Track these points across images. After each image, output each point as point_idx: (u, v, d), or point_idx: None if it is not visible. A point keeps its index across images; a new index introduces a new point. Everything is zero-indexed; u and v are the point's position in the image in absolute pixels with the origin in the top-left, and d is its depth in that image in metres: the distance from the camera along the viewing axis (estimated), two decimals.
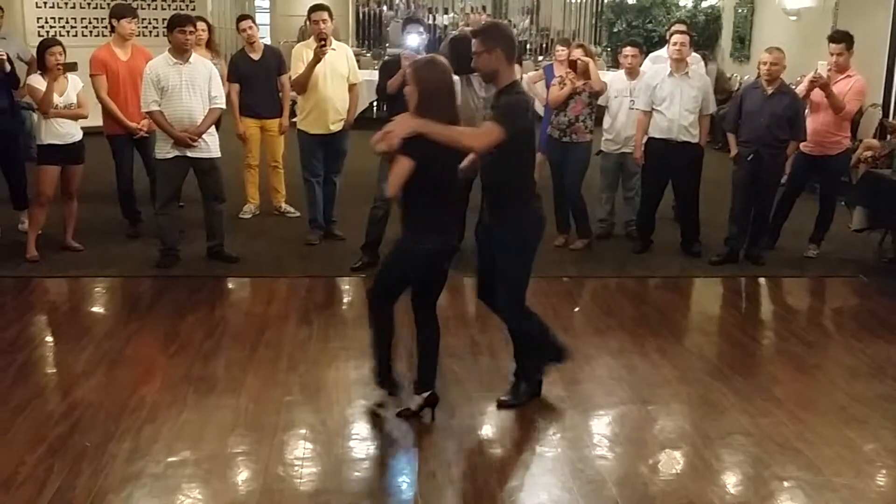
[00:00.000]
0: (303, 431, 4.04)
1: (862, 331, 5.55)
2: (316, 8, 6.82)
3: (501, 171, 4.05)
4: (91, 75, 6.85)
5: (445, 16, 21.84)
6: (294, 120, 7.21)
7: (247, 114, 7.61)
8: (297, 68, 6.86)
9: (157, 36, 11.22)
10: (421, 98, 3.88)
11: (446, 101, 3.98)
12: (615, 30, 16.15)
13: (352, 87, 7.01)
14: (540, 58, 17.86)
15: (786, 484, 3.69)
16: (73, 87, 6.46)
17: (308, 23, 7.00)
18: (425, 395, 4.13)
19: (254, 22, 7.79)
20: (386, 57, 10.81)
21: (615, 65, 12.74)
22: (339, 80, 6.89)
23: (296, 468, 3.72)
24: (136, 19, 7.03)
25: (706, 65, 8.38)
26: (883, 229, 7.09)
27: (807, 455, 3.90)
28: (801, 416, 4.28)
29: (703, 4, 15.44)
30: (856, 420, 4.27)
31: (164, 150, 6.22)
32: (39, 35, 10.52)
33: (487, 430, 4.16)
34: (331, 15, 6.84)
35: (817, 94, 6.63)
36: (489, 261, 4.20)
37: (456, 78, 6.57)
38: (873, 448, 4.01)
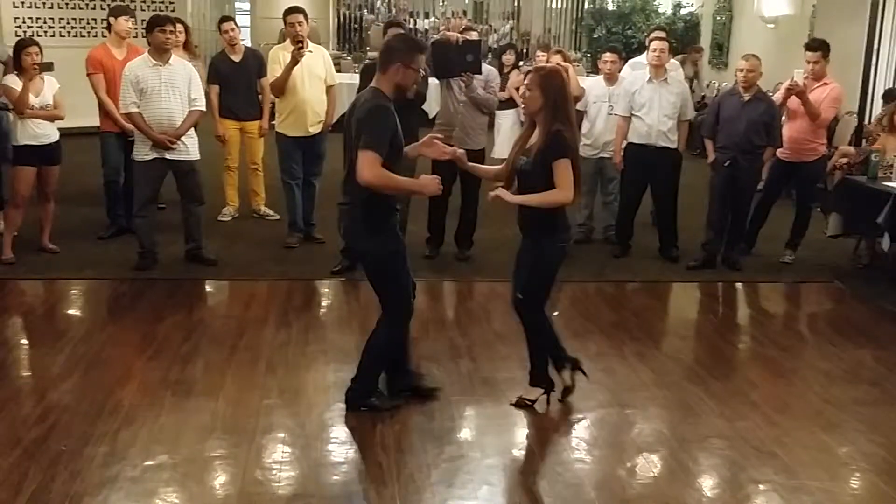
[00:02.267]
0: (281, 435, 4.03)
1: (837, 335, 5.60)
2: (291, 10, 6.82)
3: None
4: (88, 75, 6.82)
5: (426, 20, 21.89)
6: (274, 122, 7.20)
7: (226, 116, 7.59)
8: (273, 71, 6.85)
9: (136, 38, 11.14)
10: (554, 105, 4.03)
11: (572, 110, 4.20)
12: (595, 35, 16.22)
13: (329, 90, 7.01)
14: (521, 63, 17.93)
15: (761, 487, 3.72)
16: (49, 88, 6.41)
17: (284, 25, 7.00)
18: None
19: (236, 24, 7.77)
20: (367, 60, 10.79)
21: (595, 70, 12.82)
22: (316, 82, 6.88)
23: (274, 472, 3.70)
24: (132, 18, 7.02)
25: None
26: (857, 235, 7.17)
27: (782, 458, 3.93)
28: (776, 419, 4.32)
29: (682, 11, 15.55)
30: (831, 424, 4.31)
31: (143, 153, 6.18)
32: (17, 35, 10.42)
33: (466, 434, 4.17)
34: (307, 17, 6.84)
35: (794, 102, 6.69)
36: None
37: (435, 82, 6.65)
38: (848, 451, 4.05)
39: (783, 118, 6.75)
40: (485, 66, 6.64)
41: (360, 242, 4.14)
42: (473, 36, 6.82)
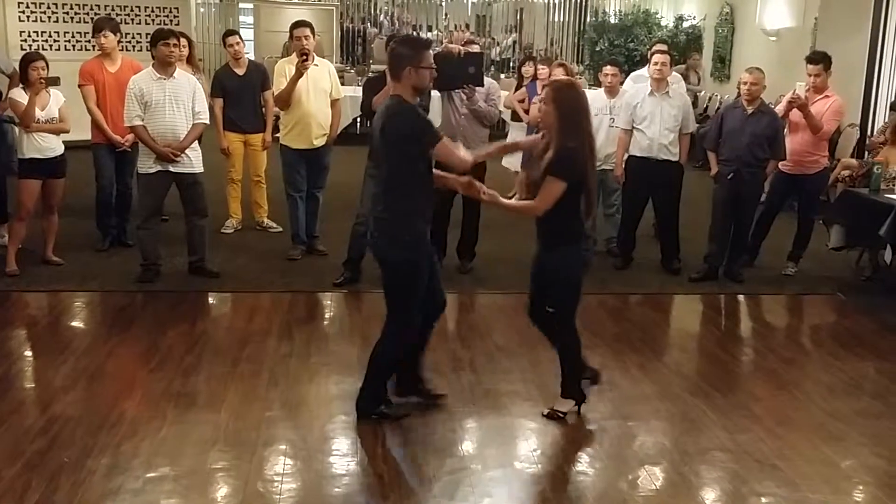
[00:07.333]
0: (283, 447, 4.03)
1: (839, 348, 5.60)
2: (298, 24, 6.87)
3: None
4: (79, 86, 6.86)
5: (429, 33, 21.98)
6: (277, 135, 7.23)
7: (230, 129, 7.62)
8: (279, 84, 6.89)
9: (140, 51, 11.22)
10: (563, 120, 4.02)
11: (587, 123, 4.15)
12: (597, 48, 16.27)
13: (334, 103, 7.04)
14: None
15: (764, 500, 3.71)
16: (55, 102, 6.45)
17: (290, 39, 7.04)
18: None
19: (240, 38, 7.82)
20: (370, 74, 10.86)
21: (597, 83, 12.85)
22: (321, 95, 6.92)
23: (276, 484, 3.71)
24: (105, 34, 6.89)
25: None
26: (860, 247, 7.17)
27: (784, 471, 3.93)
28: (779, 432, 4.32)
29: (685, 24, 15.61)
30: (833, 437, 4.31)
31: (147, 165, 6.20)
32: (22, 49, 10.50)
33: (468, 446, 4.17)
34: (313, 31, 6.88)
35: (796, 114, 6.71)
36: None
37: (437, 94, 6.68)
38: (850, 464, 4.05)
39: (785, 131, 6.77)
40: (486, 79, 6.68)
41: (384, 250, 4.15)
42: (475, 49, 6.84)
